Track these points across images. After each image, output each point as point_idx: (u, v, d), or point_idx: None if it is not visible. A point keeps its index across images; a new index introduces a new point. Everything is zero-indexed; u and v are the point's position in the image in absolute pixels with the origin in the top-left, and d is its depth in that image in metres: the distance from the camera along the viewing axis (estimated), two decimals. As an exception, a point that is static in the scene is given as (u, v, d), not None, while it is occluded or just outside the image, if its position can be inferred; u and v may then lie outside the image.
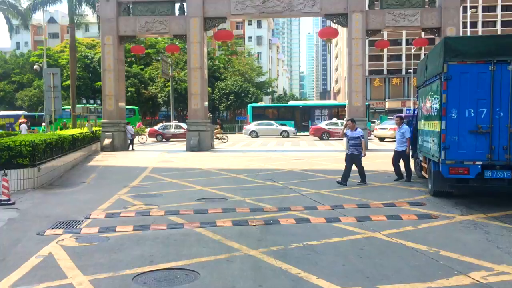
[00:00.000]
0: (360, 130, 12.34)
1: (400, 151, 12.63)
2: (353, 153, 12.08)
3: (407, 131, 12.48)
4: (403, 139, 12.45)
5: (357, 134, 12.05)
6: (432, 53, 10.22)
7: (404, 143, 12.47)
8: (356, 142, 11.99)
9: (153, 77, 65.31)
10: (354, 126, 12.25)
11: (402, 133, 12.50)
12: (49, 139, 13.62)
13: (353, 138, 12.05)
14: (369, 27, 23.57)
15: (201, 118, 24.38)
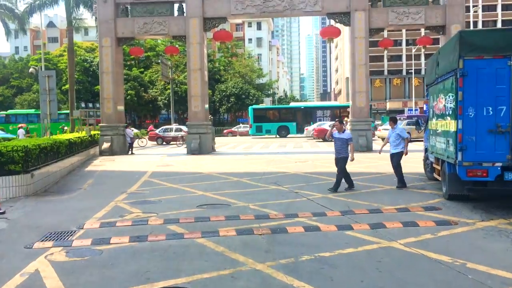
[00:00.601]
0: (348, 132, 11.58)
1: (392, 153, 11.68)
2: (339, 156, 11.31)
3: (403, 131, 11.65)
4: (397, 140, 11.55)
5: (344, 136, 11.26)
6: (445, 49, 9.66)
7: (399, 145, 11.57)
8: (343, 144, 11.23)
9: (153, 80, 64.88)
10: (341, 128, 11.46)
11: (397, 134, 11.59)
12: (43, 144, 13.07)
13: (340, 141, 11.26)
14: (372, 26, 23.04)
15: (202, 121, 23.84)
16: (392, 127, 11.89)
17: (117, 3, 24.11)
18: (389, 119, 12.29)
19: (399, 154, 11.57)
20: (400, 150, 11.56)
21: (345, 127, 12.52)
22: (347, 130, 11.74)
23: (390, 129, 12.01)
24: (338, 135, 11.30)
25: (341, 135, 11.26)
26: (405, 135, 11.60)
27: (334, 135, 11.40)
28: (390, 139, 11.75)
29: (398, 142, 11.56)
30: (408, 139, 11.76)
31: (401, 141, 11.56)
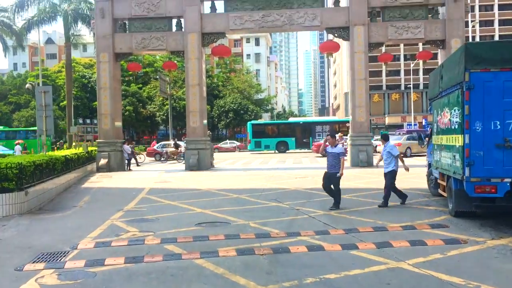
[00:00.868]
0: (341, 147, 11.16)
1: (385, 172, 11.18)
2: (331, 171, 10.88)
3: (393, 149, 11.16)
4: (389, 158, 11.10)
5: (336, 150, 10.86)
6: (450, 62, 9.46)
7: (390, 163, 11.07)
8: (335, 159, 10.83)
9: (151, 96, 64.85)
10: (334, 142, 11.05)
11: (388, 152, 11.15)
12: (38, 161, 12.77)
13: (332, 155, 10.87)
14: (371, 40, 22.95)
15: (200, 136, 23.60)
16: (383, 143, 11.57)
17: (115, 18, 24.03)
18: (381, 136, 11.85)
19: (392, 173, 11.13)
20: (392, 169, 11.09)
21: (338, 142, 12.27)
22: (340, 145, 11.36)
23: (383, 146, 11.63)
24: (330, 149, 10.95)
25: (334, 150, 10.90)
26: (395, 152, 11.12)
27: (327, 150, 11.04)
28: (383, 157, 11.38)
29: (390, 160, 11.11)
30: (400, 155, 11.25)
31: (393, 159, 11.11)
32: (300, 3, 23.16)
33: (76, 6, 33.66)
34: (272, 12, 23.04)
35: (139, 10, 23.63)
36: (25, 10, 32.36)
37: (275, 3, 23.18)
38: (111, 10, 23.81)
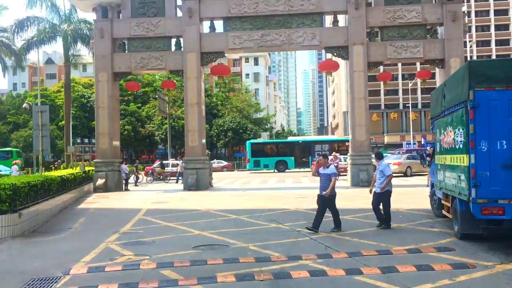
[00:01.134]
0: (333, 168, 10.72)
1: (379, 193, 10.73)
2: (322, 193, 10.51)
3: (386, 168, 10.69)
4: (382, 178, 10.65)
5: (328, 172, 10.47)
6: (452, 80, 9.30)
7: (383, 183, 10.62)
8: (327, 180, 10.43)
9: (150, 115, 64.79)
10: (326, 163, 10.69)
11: (381, 171, 10.68)
12: (33, 181, 12.50)
13: (324, 176, 10.47)
14: (370, 60, 22.91)
15: (199, 156, 23.37)
16: (377, 163, 11.11)
17: (114, 38, 24.02)
18: (375, 155, 11.34)
19: (386, 194, 10.71)
20: (386, 189, 10.69)
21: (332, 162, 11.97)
22: (332, 166, 10.95)
23: (377, 165, 11.15)
24: (323, 170, 10.58)
25: (326, 171, 10.53)
26: (388, 172, 10.64)
27: (320, 171, 10.63)
28: (376, 177, 10.89)
29: (383, 180, 10.66)
30: (391, 176, 10.78)
31: (386, 179, 10.64)
32: (299, 23, 23.18)
33: (76, 27, 33.80)
34: (271, 31, 23.06)
35: (139, 30, 23.64)
36: (25, 31, 32.46)
37: (274, 22, 23.21)
38: (111, 30, 23.81)
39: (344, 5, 22.88)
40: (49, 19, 33.59)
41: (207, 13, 23.53)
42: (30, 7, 31.57)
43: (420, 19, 22.52)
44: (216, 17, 23.81)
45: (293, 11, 22.95)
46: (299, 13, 23.00)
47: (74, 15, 34.36)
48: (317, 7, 22.92)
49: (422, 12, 22.49)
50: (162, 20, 23.57)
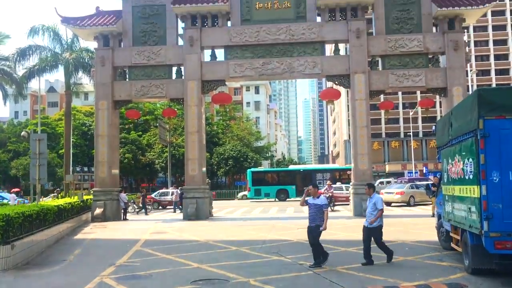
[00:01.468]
0: (324, 198, 10.24)
1: (370, 228, 10.13)
2: (312, 225, 9.95)
3: (379, 202, 10.10)
4: (374, 211, 10.06)
5: (319, 202, 9.96)
6: (460, 108, 9.06)
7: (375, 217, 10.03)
8: (317, 211, 9.90)
9: (151, 143, 64.60)
10: (316, 193, 10.16)
11: (373, 204, 10.12)
12: (27, 212, 12.14)
13: (314, 207, 9.94)
14: (372, 88, 22.82)
15: (199, 184, 23.02)
16: (369, 195, 10.37)
17: (115, 66, 24.01)
18: (366, 186, 10.63)
19: (378, 229, 10.12)
20: (379, 224, 10.08)
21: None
22: (323, 196, 10.43)
23: (368, 197, 10.46)
24: (312, 200, 10.04)
25: (316, 201, 9.99)
26: (380, 206, 10.02)
27: (309, 201, 10.09)
28: (367, 210, 10.22)
29: (375, 213, 10.07)
30: (383, 211, 10.15)
31: (377, 212, 10.03)
32: (300, 52, 23.19)
33: (78, 55, 33.88)
34: (272, 60, 23.05)
35: (140, 58, 23.65)
36: (27, 59, 32.51)
37: (275, 51, 23.22)
38: (112, 58, 23.83)
39: (345, 34, 22.93)
40: (51, 48, 33.72)
41: (208, 42, 23.58)
42: (32, 36, 31.68)
43: (422, 48, 22.53)
44: (217, 46, 23.85)
45: (294, 40, 22.99)
46: (300, 42, 23.04)
47: (76, 43, 34.47)
48: (318, 36, 22.97)
49: (423, 41, 22.51)
50: (163, 48, 23.60)
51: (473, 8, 22.35)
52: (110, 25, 23.69)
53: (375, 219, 10.04)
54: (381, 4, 22.99)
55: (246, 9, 23.44)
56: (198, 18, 23.45)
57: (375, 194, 10.43)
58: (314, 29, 22.97)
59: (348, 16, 22.91)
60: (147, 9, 24.00)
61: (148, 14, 23.98)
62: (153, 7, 24.00)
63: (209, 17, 23.56)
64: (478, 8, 22.45)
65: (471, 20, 23.93)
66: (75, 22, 24.13)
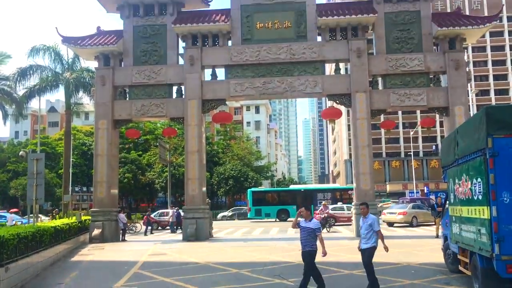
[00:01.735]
0: (316, 221, 9.46)
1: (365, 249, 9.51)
2: (305, 249, 9.21)
3: (375, 223, 9.50)
4: (369, 233, 9.48)
5: (311, 225, 9.22)
6: (467, 127, 8.85)
7: (371, 238, 9.46)
8: (309, 235, 9.19)
9: (151, 163, 64.37)
10: (309, 215, 9.41)
11: (369, 225, 9.52)
12: (23, 233, 11.85)
13: (306, 230, 9.22)
14: (373, 107, 22.67)
15: (199, 205, 22.70)
16: (365, 215, 9.73)
17: (115, 86, 23.93)
18: (360, 205, 10.02)
19: (371, 250, 9.51)
20: (372, 245, 9.48)
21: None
22: (315, 219, 9.71)
23: (361, 218, 9.88)
24: (304, 223, 9.30)
25: (308, 224, 9.25)
26: (376, 227, 9.45)
27: (300, 224, 9.36)
28: (361, 231, 9.65)
29: (370, 234, 9.51)
30: (381, 233, 9.59)
31: (373, 233, 9.50)
32: (301, 71, 23.13)
33: (79, 75, 33.89)
34: (273, 79, 22.97)
35: (140, 78, 23.59)
36: (27, 79, 32.50)
37: (276, 70, 23.16)
38: (112, 78, 23.76)
39: (346, 53, 22.89)
40: (52, 68, 33.74)
41: (209, 61, 23.54)
42: (33, 56, 31.73)
43: (423, 67, 22.47)
44: (217, 65, 23.81)
45: (295, 59, 22.95)
46: (301, 61, 23.00)
47: (77, 63, 34.54)
48: (319, 55, 22.94)
49: (424, 61, 22.47)
50: (163, 68, 23.56)
51: (474, 28, 22.37)
52: (111, 44, 23.69)
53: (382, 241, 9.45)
54: (381, 24, 23.01)
55: (247, 28, 23.47)
56: (199, 38, 23.46)
57: (370, 215, 9.86)
58: (315, 49, 22.95)
59: (349, 36, 22.91)
60: (148, 29, 24.05)
61: (149, 33, 24.01)
62: (154, 27, 24.05)
63: (209, 37, 23.57)
64: (478, 28, 22.47)
65: (471, 40, 23.93)
66: (76, 42, 24.12)
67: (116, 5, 24.25)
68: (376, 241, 9.48)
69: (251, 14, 23.49)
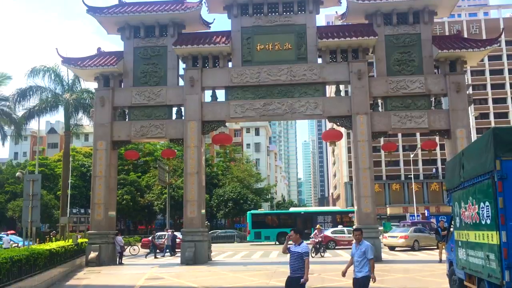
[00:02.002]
0: (305, 245, 8.87)
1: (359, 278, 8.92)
2: (294, 276, 8.68)
3: (369, 250, 8.94)
4: (363, 260, 8.95)
5: (300, 250, 8.71)
6: (473, 149, 8.65)
7: (364, 266, 8.91)
8: (298, 260, 8.68)
9: (150, 184, 63.96)
10: (298, 239, 8.84)
11: (363, 252, 8.97)
12: (16, 256, 11.53)
13: (295, 255, 8.69)
14: (374, 129, 22.53)
15: (197, 227, 22.34)
16: (359, 241, 9.15)
17: (115, 107, 23.84)
18: (355, 231, 9.40)
19: (365, 279, 8.93)
20: (366, 274, 8.92)
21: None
22: (304, 243, 9.02)
23: (354, 244, 9.38)
24: (294, 248, 8.81)
25: (297, 248, 8.76)
26: (370, 255, 8.90)
27: (290, 249, 8.89)
28: (354, 258, 9.13)
29: (364, 262, 8.99)
30: (373, 261, 9.01)
31: (367, 261, 8.96)
32: (301, 93, 23.06)
33: (79, 96, 33.87)
34: (273, 100, 22.89)
35: (140, 99, 23.51)
36: (27, 100, 32.46)
37: (276, 92, 23.09)
38: (112, 99, 23.68)
39: (346, 75, 22.86)
40: (52, 89, 33.73)
41: (209, 82, 23.50)
42: (33, 77, 31.75)
43: (424, 89, 22.42)
44: (218, 87, 23.77)
45: (295, 81, 22.91)
46: (301, 83, 22.96)
47: (77, 84, 34.56)
48: (319, 77, 22.90)
49: (425, 83, 22.42)
50: (163, 89, 23.50)
51: (474, 50, 22.38)
52: (111, 65, 23.68)
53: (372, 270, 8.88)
54: (382, 46, 23.05)
55: (247, 50, 23.50)
56: (199, 59, 23.47)
57: (364, 241, 9.33)
58: (315, 70, 22.93)
59: (349, 58, 22.92)
60: (149, 50, 24.08)
61: (149, 55, 24.04)
62: (155, 48, 24.08)
63: (210, 58, 23.58)
64: (479, 51, 22.48)
65: (472, 63, 23.93)
66: (76, 63, 24.11)
67: (117, 26, 24.34)
68: (369, 270, 8.93)
69: (251, 36, 23.55)
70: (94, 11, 23.81)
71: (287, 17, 23.55)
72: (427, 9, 23.01)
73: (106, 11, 23.95)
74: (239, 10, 23.77)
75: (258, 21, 23.63)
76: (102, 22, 24.30)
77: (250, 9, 23.63)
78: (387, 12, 23.18)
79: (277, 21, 23.54)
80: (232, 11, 23.86)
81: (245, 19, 23.78)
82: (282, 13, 23.56)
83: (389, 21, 23.31)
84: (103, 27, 24.66)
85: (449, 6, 23.47)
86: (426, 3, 22.82)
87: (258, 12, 23.74)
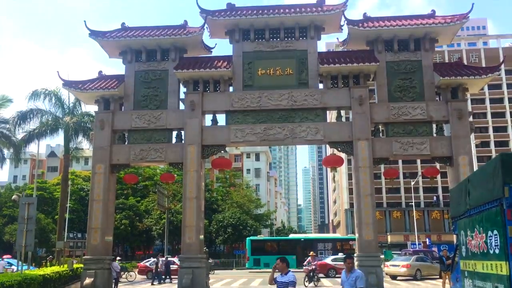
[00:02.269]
0: (292, 275, 8.67)
1: None
2: None
3: (360, 278, 8.83)
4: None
5: (285, 280, 8.49)
6: (479, 175, 8.41)
7: None
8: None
9: (149, 209, 63.47)
10: (285, 268, 8.63)
11: (354, 280, 8.84)
12: (8, 282, 11.18)
13: (281, 285, 8.52)
14: (376, 155, 22.28)
15: (195, 254, 21.88)
16: (349, 270, 8.96)
17: (115, 130, 23.66)
18: (347, 259, 9.23)
19: None
20: None
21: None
22: (291, 272, 8.81)
23: (343, 272, 9.14)
24: (280, 278, 8.58)
25: (283, 278, 8.53)
26: (360, 283, 8.69)
27: (277, 279, 8.65)
28: (344, 287, 8.93)
29: None
30: None
31: None
32: (302, 118, 22.93)
33: (79, 119, 33.84)
34: (274, 125, 22.74)
35: (140, 122, 23.38)
36: (27, 123, 32.41)
37: (277, 117, 22.97)
38: (111, 122, 23.54)
39: (348, 101, 22.77)
40: (53, 112, 33.73)
41: (210, 107, 23.40)
42: (33, 100, 31.77)
43: (425, 116, 22.27)
44: (218, 111, 23.65)
45: (296, 106, 22.80)
46: (302, 108, 22.84)
47: (78, 108, 34.59)
48: (320, 102, 22.80)
49: (427, 109, 22.30)
50: (164, 112, 23.40)
51: (476, 78, 22.33)
52: (111, 89, 23.62)
53: None
54: (383, 72, 23.03)
55: (248, 75, 23.49)
56: (200, 83, 23.44)
57: (356, 270, 9.18)
58: (316, 96, 22.86)
59: (350, 83, 22.87)
60: (150, 74, 24.07)
61: (150, 78, 24.02)
62: (156, 72, 24.08)
63: (211, 82, 23.54)
64: (481, 78, 22.44)
65: (473, 90, 23.87)
66: (76, 86, 24.08)
67: (119, 50, 24.39)
68: None
69: (252, 60, 23.58)
70: (97, 35, 23.91)
71: (289, 43, 23.62)
72: (428, 36, 23.08)
73: (108, 35, 24.05)
74: (241, 36, 23.86)
75: (260, 46, 23.69)
76: (104, 46, 24.37)
77: (252, 34, 23.72)
78: (388, 38, 23.25)
79: (278, 46, 23.60)
80: (233, 36, 23.95)
81: (247, 44, 23.85)
82: (283, 38, 23.64)
83: (390, 48, 23.35)
84: (105, 51, 24.72)
85: (450, 34, 23.54)
86: (427, 31, 22.90)
87: (260, 38, 23.83)
